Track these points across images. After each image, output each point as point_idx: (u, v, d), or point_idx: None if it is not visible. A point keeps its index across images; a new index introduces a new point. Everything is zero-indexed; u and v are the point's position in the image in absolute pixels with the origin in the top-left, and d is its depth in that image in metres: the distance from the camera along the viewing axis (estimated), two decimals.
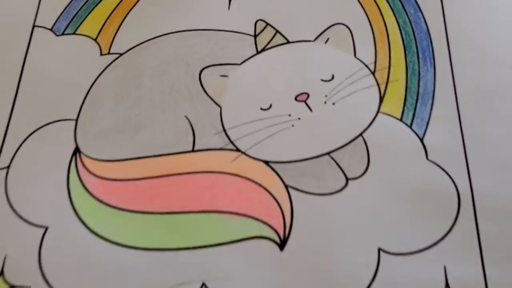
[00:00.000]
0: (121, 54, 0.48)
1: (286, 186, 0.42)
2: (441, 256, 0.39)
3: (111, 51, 0.48)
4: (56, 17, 0.50)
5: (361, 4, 0.50)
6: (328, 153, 0.43)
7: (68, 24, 0.50)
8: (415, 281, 0.38)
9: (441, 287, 0.38)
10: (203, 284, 0.38)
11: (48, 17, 0.50)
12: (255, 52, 0.48)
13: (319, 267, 0.39)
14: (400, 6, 0.49)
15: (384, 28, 0.48)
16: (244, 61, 0.47)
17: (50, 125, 0.45)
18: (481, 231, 0.40)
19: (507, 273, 0.38)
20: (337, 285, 0.38)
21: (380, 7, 0.49)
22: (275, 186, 0.42)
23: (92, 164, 0.43)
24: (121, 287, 0.39)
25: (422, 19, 0.49)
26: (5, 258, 0.39)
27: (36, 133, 0.45)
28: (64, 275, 0.39)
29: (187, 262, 0.39)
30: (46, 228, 0.41)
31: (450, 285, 0.38)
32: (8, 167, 0.43)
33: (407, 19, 0.49)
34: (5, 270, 0.39)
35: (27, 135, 0.44)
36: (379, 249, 0.39)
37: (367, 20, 0.49)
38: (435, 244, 0.39)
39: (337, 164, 0.42)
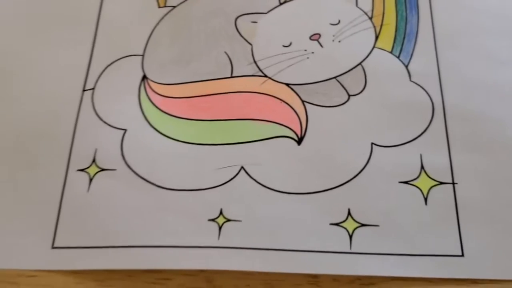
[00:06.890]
0: (174, 7, 0.62)
1: (303, 101, 0.55)
2: (418, 147, 0.52)
3: (167, 4, 0.62)
4: None
5: None
6: (335, 77, 0.56)
7: None
8: (399, 165, 0.52)
9: (417, 168, 0.51)
10: (242, 167, 0.52)
11: None
12: (278, 3, 0.61)
13: (326, 157, 0.52)
14: None
15: None
16: (270, 10, 0.61)
17: (124, 58, 0.59)
18: (449, 131, 0.53)
19: (470, 159, 0.52)
20: (340, 168, 0.52)
21: None
22: (294, 101, 0.55)
23: (156, 87, 0.57)
24: (181, 171, 0.52)
25: None
26: (96, 151, 0.54)
27: (114, 64, 0.58)
28: (140, 162, 0.53)
29: (230, 153, 0.53)
30: (125, 130, 0.54)
31: (425, 167, 0.51)
32: (94, 88, 0.57)
33: None
34: (96, 158, 0.53)
35: (107, 65, 0.58)
36: (372, 143, 0.53)
37: None
38: (414, 139, 0.53)
39: (341, 85, 0.56)
